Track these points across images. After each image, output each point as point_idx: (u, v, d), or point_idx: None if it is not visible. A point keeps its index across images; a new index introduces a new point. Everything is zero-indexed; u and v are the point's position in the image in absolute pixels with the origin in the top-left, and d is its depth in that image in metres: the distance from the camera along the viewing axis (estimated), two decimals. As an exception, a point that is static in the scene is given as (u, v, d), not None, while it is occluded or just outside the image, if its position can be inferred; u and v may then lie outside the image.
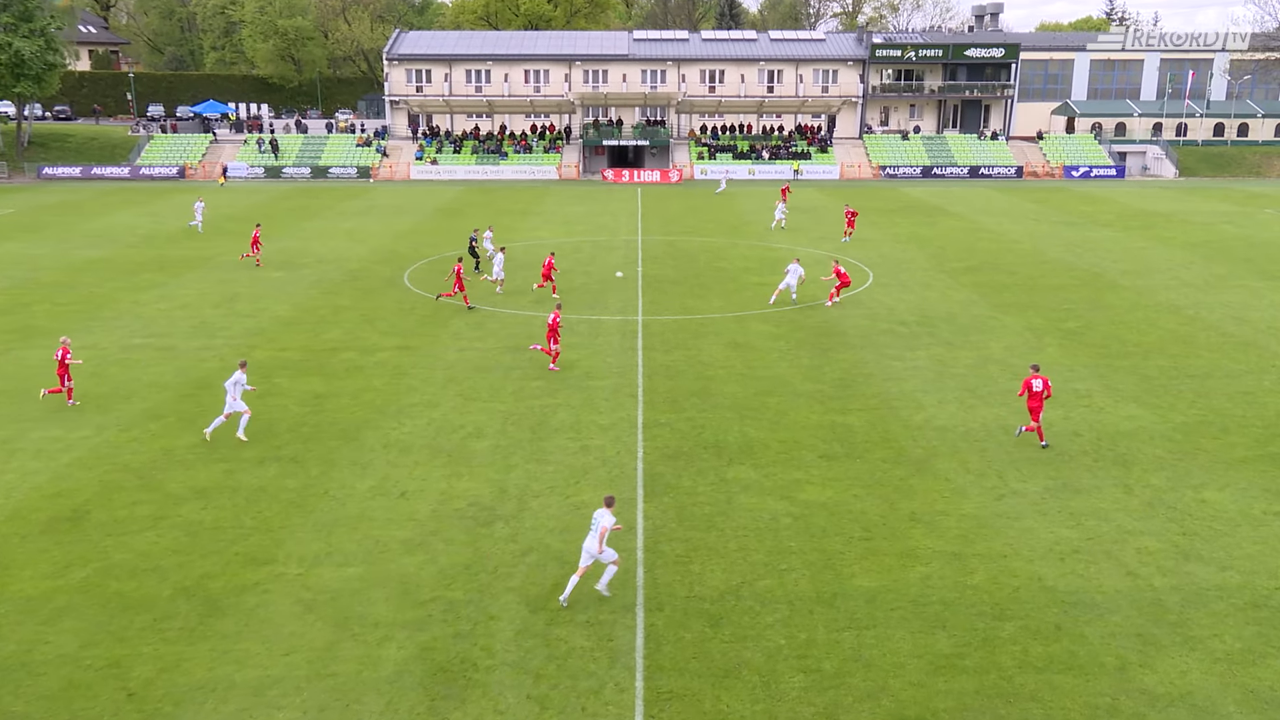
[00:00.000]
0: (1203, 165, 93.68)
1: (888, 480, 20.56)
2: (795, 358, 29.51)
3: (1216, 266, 44.72)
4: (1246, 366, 28.74)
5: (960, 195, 74.86)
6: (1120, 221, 60.16)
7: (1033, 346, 30.83)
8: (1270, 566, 16.88)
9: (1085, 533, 18.18)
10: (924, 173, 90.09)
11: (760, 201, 70.22)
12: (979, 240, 52.16)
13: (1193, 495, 19.83)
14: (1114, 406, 25.23)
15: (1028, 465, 21.30)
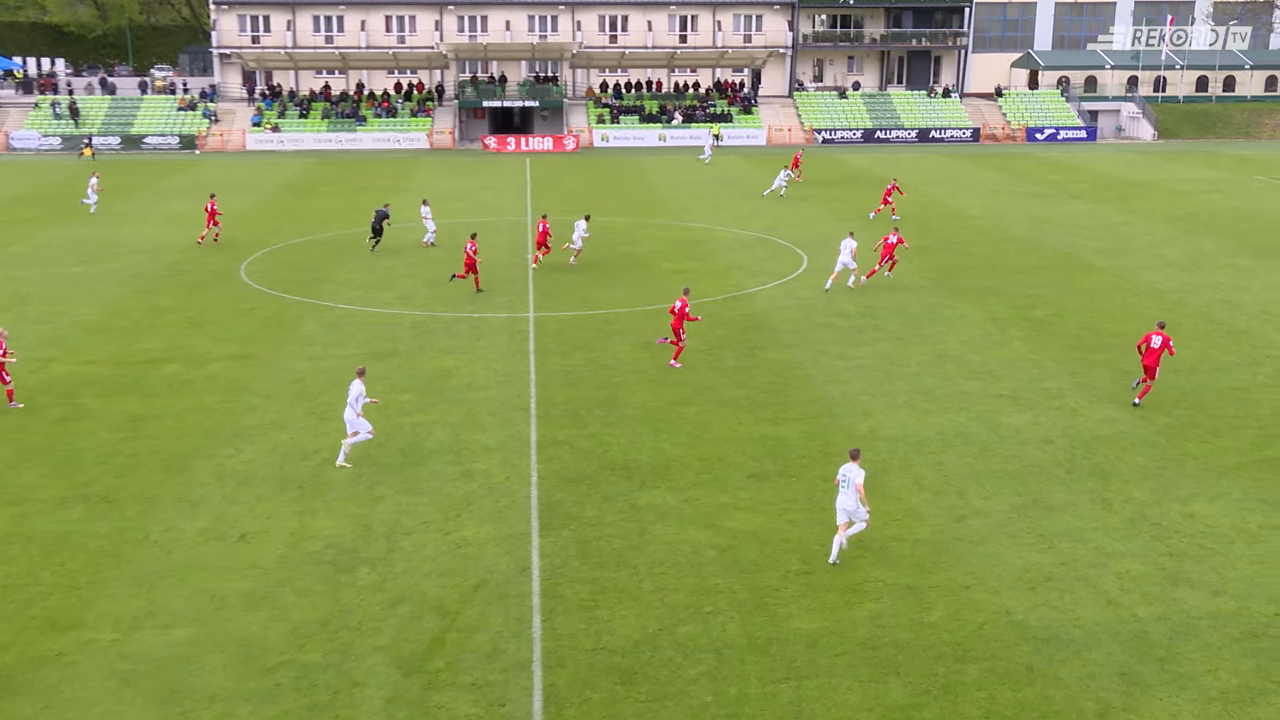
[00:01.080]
0: (1184, 125, 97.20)
1: (829, 502, 20.82)
2: (718, 359, 29.76)
3: (1203, 242, 46.45)
4: (1238, 358, 29.89)
5: (908, 163, 76.43)
6: (1093, 192, 62.11)
7: (995, 340, 31.62)
8: (1268, 589, 17.58)
9: (1059, 557, 18.70)
10: (865, 137, 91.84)
11: (673, 173, 70.73)
12: (931, 216, 53.31)
13: (1180, 509, 20.54)
14: (1089, 408, 26.01)
15: (992, 479, 21.82)
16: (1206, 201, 58.53)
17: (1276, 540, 19.25)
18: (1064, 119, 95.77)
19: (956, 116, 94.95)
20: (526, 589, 17.71)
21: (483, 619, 16.79)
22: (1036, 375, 28.52)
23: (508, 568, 18.38)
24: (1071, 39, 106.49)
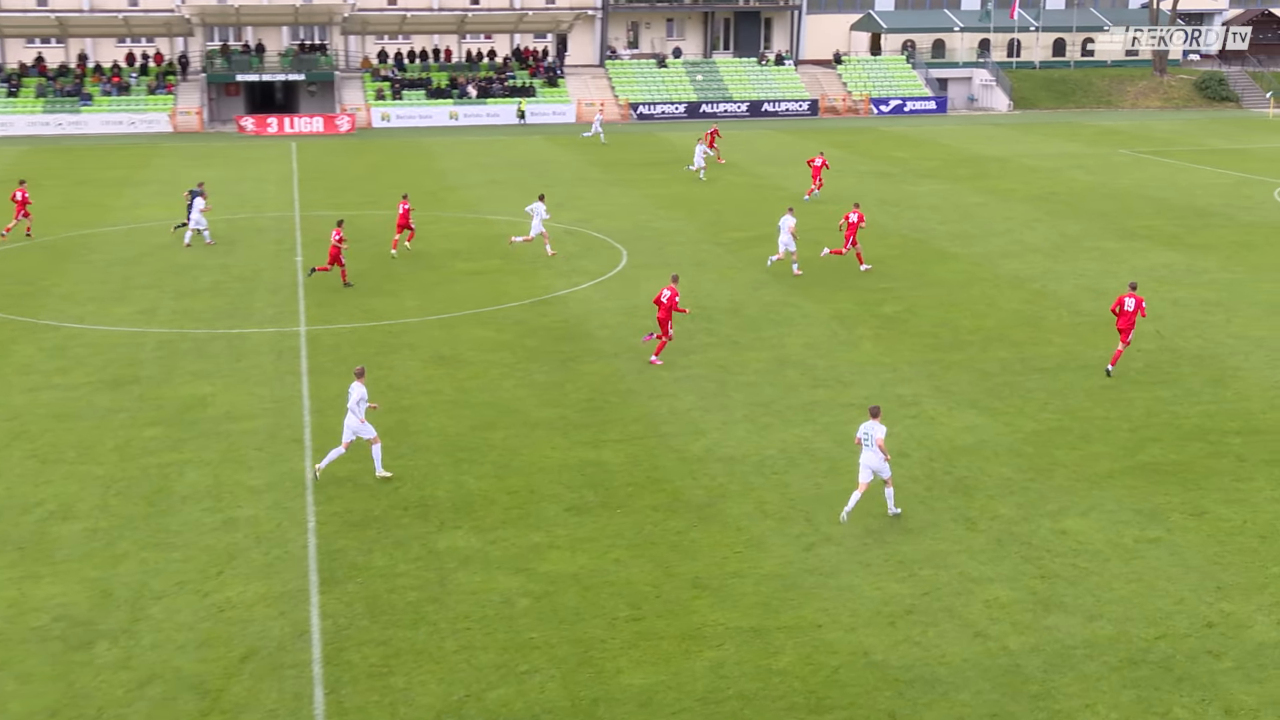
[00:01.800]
0: (1042, 94, 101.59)
1: (660, 536, 21.03)
2: (526, 373, 29.75)
3: (1066, 224, 48.61)
4: (1108, 353, 31.32)
5: (739, 140, 77.86)
6: (946, 170, 64.37)
7: (843, 340, 32.43)
8: (1147, 611, 18.45)
9: (920, 586, 19.26)
10: (690, 111, 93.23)
11: (467, 157, 70.52)
12: (766, 201, 54.39)
13: (1050, 526, 21.39)
14: (948, 415, 26.88)
15: (844, 501, 22.28)
16: (1069, 179, 61.26)
17: (1154, 555, 20.22)
18: (911, 88, 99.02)
19: (792, 87, 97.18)
20: (306, 656, 17.33)
21: (253, 696, 16.37)
22: (889, 380, 29.33)
23: (282, 632, 17.95)
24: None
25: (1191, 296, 36.98)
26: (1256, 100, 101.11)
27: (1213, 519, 21.57)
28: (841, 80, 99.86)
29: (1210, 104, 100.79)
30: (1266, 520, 21.48)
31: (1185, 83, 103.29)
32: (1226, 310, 35.33)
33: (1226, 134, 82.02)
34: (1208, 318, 34.59)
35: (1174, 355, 31.16)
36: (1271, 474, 23.51)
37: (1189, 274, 39.94)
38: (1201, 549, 20.42)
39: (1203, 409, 27.24)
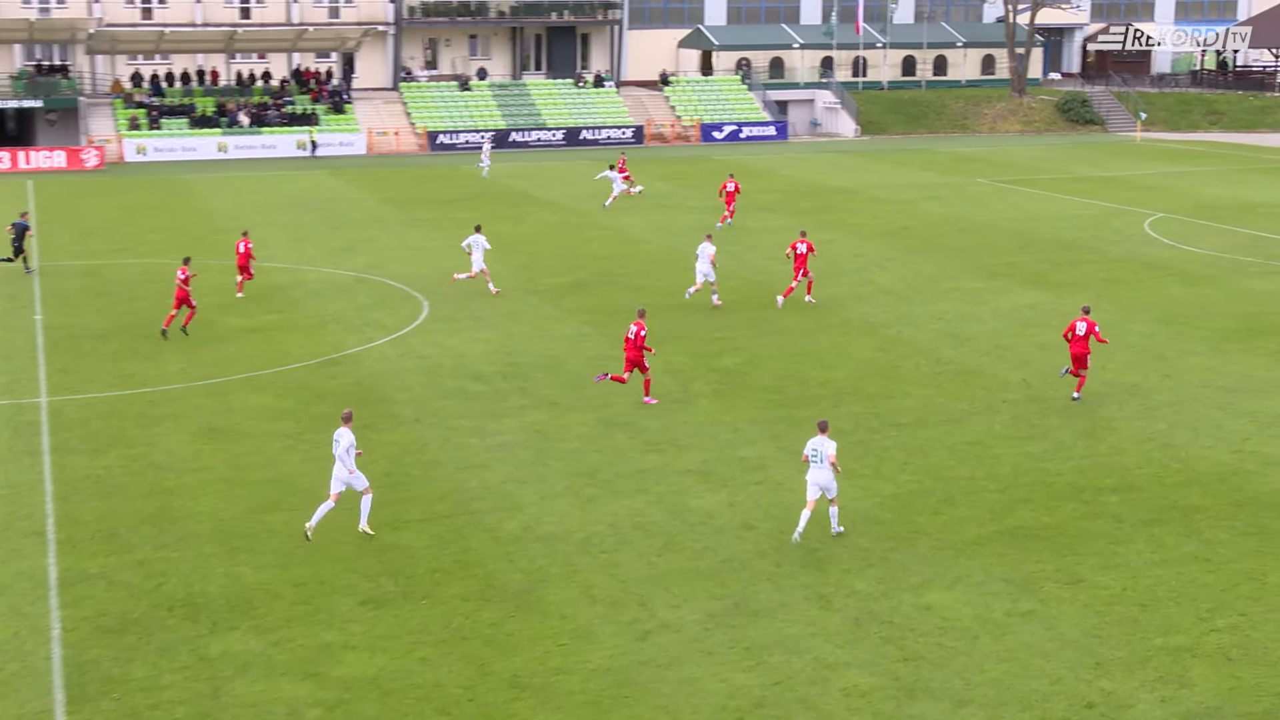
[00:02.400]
0: (891, 117, 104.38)
1: (472, 629, 20.85)
2: (314, 445, 29.36)
3: (922, 262, 49.86)
4: (970, 405, 32.15)
5: (555, 173, 78.30)
6: (788, 203, 65.60)
7: (677, 398, 32.69)
8: (1021, 693, 18.87)
9: (770, 675, 19.40)
10: (498, 140, 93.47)
11: (239, 196, 69.63)
12: (587, 241, 54.74)
13: (913, 601, 21.78)
14: (797, 479, 27.15)
15: (682, 581, 22.42)
16: (923, 211, 62.92)
17: (1027, 630, 20.72)
18: (747, 112, 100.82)
19: (614, 111, 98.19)
20: (51, 790, 16.74)
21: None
22: (730, 441, 29.62)
23: (22, 762, 17.33)
24: (750, 10, 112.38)
25: (1060, 340, 38.02)
26: (1123, 123, 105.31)
27: (1089, 587, 22.22)
28: (669, 103, 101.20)
29: (1074, 127, 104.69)
30: (1146, 587, 22.19)
31: (1046, 104, 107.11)
32: (1097, 355, 36.45)
33: (1092, 160, 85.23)
34: (1078, 363, 35.73)
35: (1043, 406, 32.11)
36: (1150, 535, 24.33)
37: (1056, 315, 41.21)
38: (1078, 621, 21.00)
39: (1075, 465, 28.10)
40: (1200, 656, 19.81)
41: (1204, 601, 21.65)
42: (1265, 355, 36.46)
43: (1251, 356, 36.37)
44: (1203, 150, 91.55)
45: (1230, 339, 38.23)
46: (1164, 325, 39.91)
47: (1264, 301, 43.06)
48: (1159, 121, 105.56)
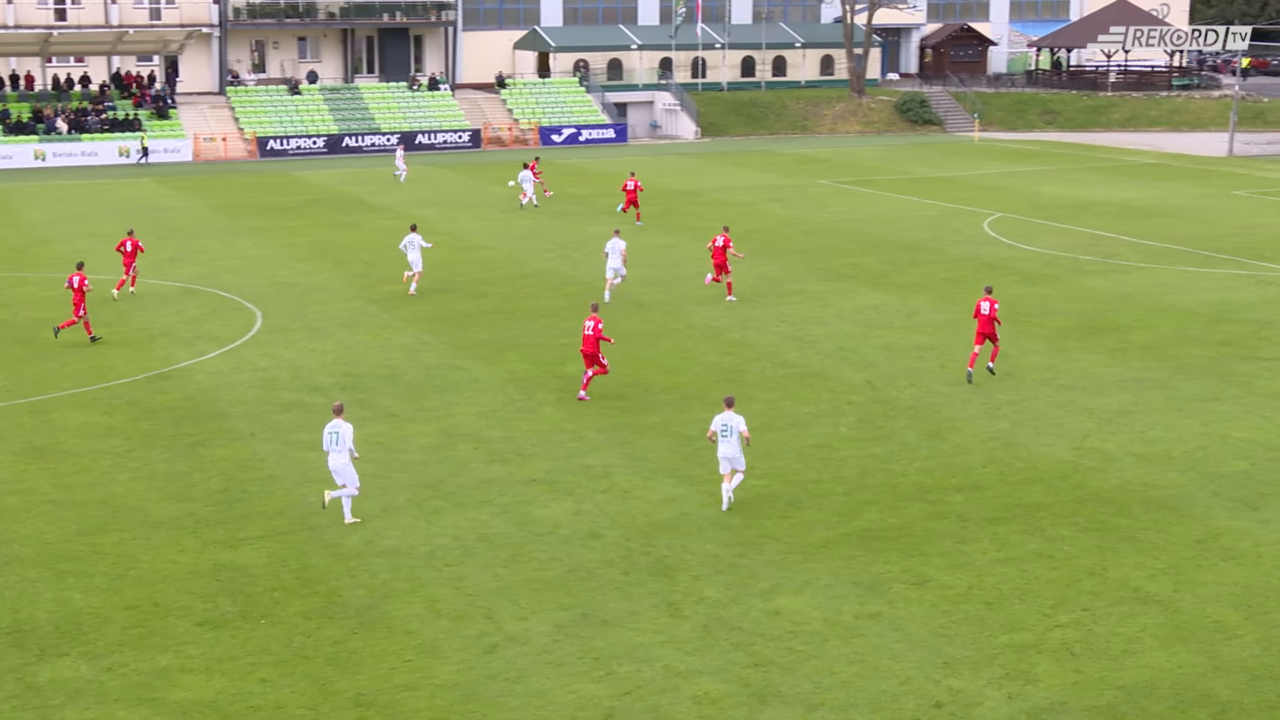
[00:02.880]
0: (731, 119, 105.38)
1: (315, 648, 20.69)
2: (144, 463, 28.92)
3: (766, 265, 50.42)
4: (816, 408, 32.62)
5: (391, 179, 77.77)
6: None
7: (520, 407, 32.73)
8: (871, 695, 19.23)
9: (620, 685, 19.53)
10: (331, 146, 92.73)
11: (59, 205, 68.19)
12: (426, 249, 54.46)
13: (763, 606, 22.06)
14: (644, 487, 27.43)
15: (528, 593, 22.47)
16: (765, 214, 63.64)
17: (875, 632, 21.11)
18: (586, 115, 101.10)
19: (450, 115, 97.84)
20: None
21: None
22: (576, 450, 29.74)
23: None
24: (587, 11, 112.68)
25: (903, 341, 38.91)
26: (961, 123, 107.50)
27: (936, 587, 22.70)
28: (506, 106, 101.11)
29: (913, 127, 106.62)
30: (992, 585, 22.73)
31: (885, 104, 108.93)
32: (940, 355, 37.32)
33: (931, 160, 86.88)
34: (921, 364, 36.45)
35: (888, 407, 32.70)
36: (995, 534, 24.92)
37: (899, 316, 42.03)
38: (926, 621, 21.45)
39: (920, 465, 28.67)
40: (1045, 652, 20.35)
41: (1048, 598, 22.24)
42: (1103, 353, 37.51)
43: (1090, 354, 37.38)
44: (1039, 149, 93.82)
45: (1069, 337, 39.26)
46: (1006, 325, 40.75)
47: (1102, 299, 44.28)
48: (996, 121, 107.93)
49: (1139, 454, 29.27)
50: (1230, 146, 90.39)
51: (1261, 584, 22.75)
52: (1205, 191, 71.50)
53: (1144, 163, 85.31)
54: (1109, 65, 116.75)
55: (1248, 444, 29.88)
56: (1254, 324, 40.70)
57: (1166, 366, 36.13)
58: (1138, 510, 26.06)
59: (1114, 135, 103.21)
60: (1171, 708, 18.75)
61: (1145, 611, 21.75)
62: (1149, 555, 23.96)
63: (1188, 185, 74.18)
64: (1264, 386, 34.23)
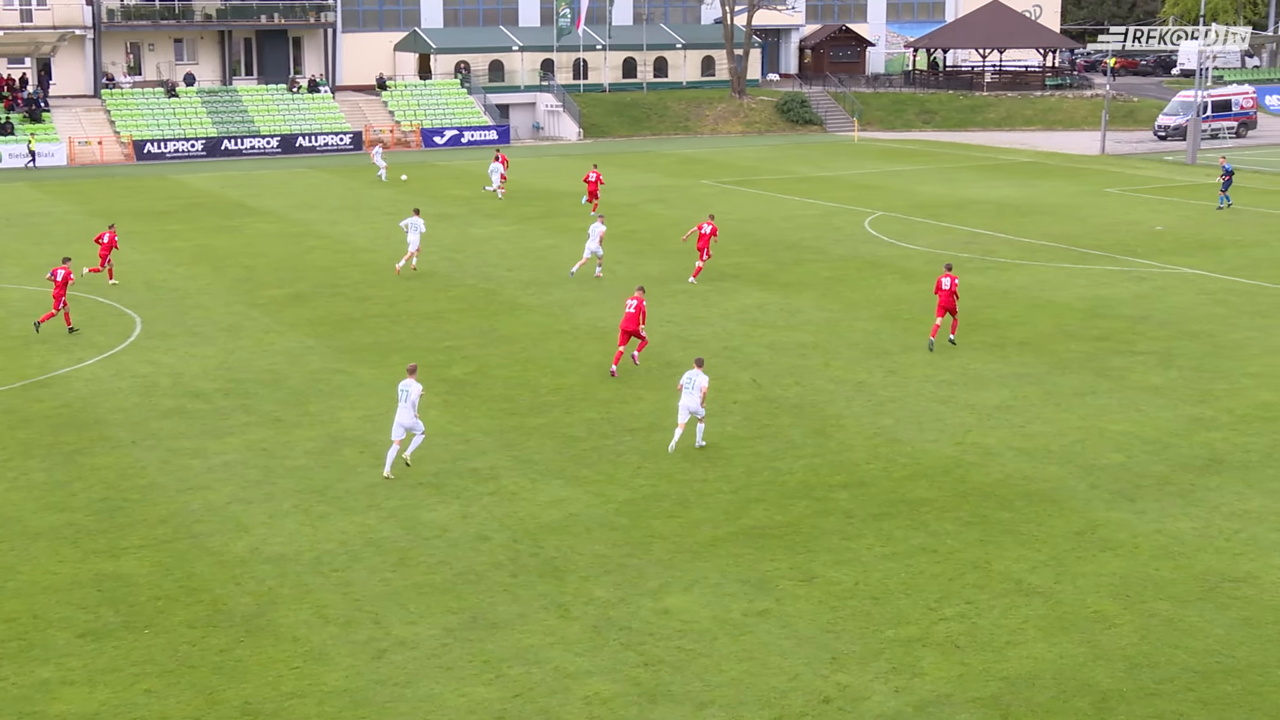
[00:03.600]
0: (614, 120, 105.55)
1: (200, 657, 20.45)
2: (21, 472, 28.42)
3: (649, 264, 50.58)
4: (711, 405, 32.74)
5: (272, 182, 77.05)
6: (512, 208, 65.80)
7: (406, 411, 32.56)
8: (760, 692, 19.37)
9: (510, 687, 19.52)
10: (210, 149, 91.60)
11: (-68, 209, 66.61)
12: (308, 251, 54.05)
13: (651, 605, 22.14)
14: (532, 488, 27.42)
15: (417, 597, 22.37)
16: (648, 214, 63.81)
17: (764, 629, 21.27)
18: (468, 116, 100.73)
19: (330, 117, 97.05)
20: None
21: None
22: (462, 452, 29.64)
23: None
24: (468, 13, 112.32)
25: (787, 340, 39.20)
26: (841, 123, 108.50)
27: (823, 583, 22.91)
28: (388, 108, 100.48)
29: (794, 127, 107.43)
30: (878, 580, 22.99)
31: (766, 105, 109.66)
32: (824, 353, 37.65)
33: (812, 160, 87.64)
34: (805, 362, 36.75)
35: (773, 406, 32.94)
36: (880, 529, 25.20)
37: (783, 315, 42.34)
38: (813, 617, 21.64)
39: (806, 463, 28.92)
40: (930, 646, 20.62)
41: (932, 592, 22.53)
42: (983, 349, 38.05)
43: (971, 350, 37.90)
44: (918, 149, 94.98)
45: (948, 333, 39.76)
46: (887, 322, 41.30)
47: (981, 296, 44.90)
48: (875, 121, 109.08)
49: (1019, 448, 29.75)
50: (1102, 145, 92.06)
51: (1139, 574, 23.23)
52: (1079, 189, 72.81)
53: (1019, 161, 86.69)
54: (984, 66, 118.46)
55: (1124, 437, 30.49)
56: (1128, 319, 41.50)
57: (1044, 362, 36.74)
58: (1019, 503, 26.49)
59: (990, 134, 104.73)
60: (1054, 697, 19.09)
61: (1027, 603, 22.12)
62: (1030, 548, 24.36)
63: (1062, 183, 75.48)
64: (1138, 380, 34.93)
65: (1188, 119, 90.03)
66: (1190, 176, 78.16)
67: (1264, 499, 26.66)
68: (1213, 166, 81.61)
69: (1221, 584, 22.81)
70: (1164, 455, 29.29)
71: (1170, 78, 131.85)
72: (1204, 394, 33.71)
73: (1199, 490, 27.20)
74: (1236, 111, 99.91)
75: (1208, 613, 21.74)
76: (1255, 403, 33.01)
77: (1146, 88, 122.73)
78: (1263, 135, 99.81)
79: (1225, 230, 58.24)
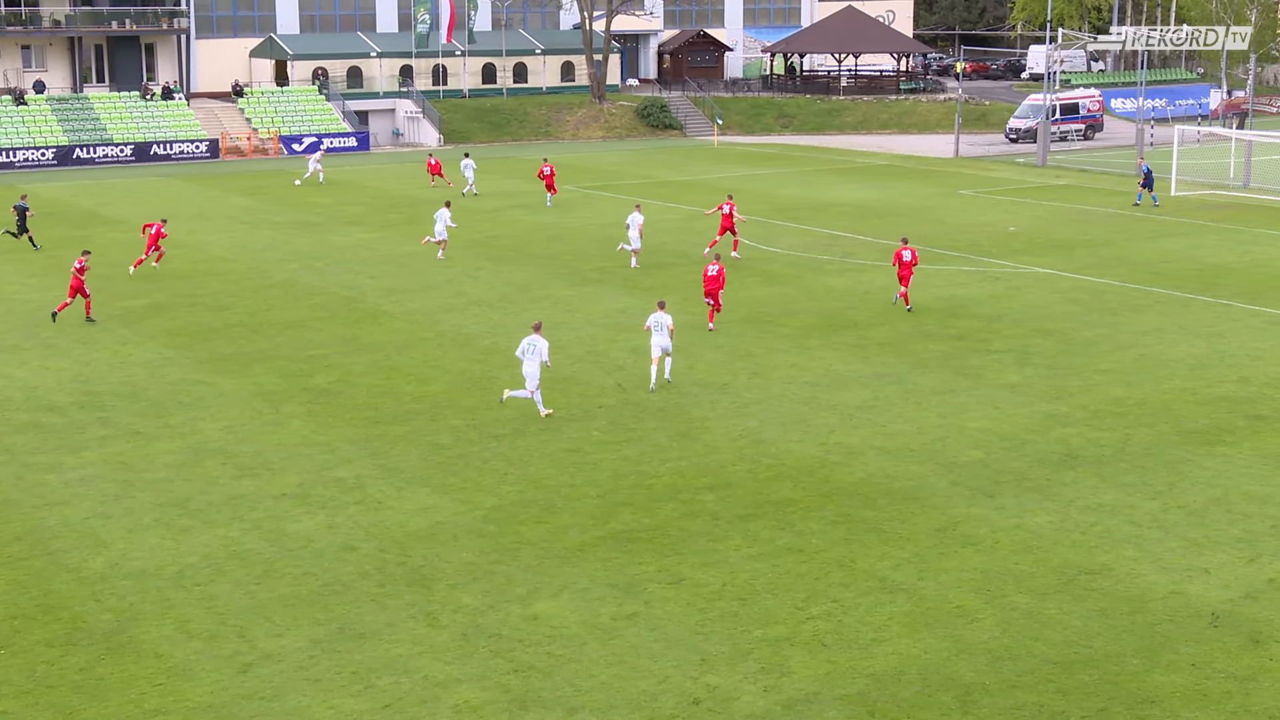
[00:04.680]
0: (474, 126, 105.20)
1: (59, 676, 20.03)
2: None
3: (513, 271, 50.45)
4: (567, 412, 32.75)
5: (125, 191, 75.74)
6: (374, 216, 65.33)
7: (268, 420, 32.16)
8: (631, 695, 19.38)
9: (379, 698, 19.34)
10: (60, 158, 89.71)
11: None
12: (164, 260, 53.15)
13: (521, 612, 22.07)
14: (398, 497, 27.21)
15: (283, 610, 22.08)
16: (511, 220, 63.66)
17: (633, 632, 21.29)
18: (327, 123, 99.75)
19: (185, 125, 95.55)
20: None
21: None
22: (327, 462, 29.34)
23: None
24: (325, 19, 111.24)
25: (649, 343, 39.23)
26: (700, 127, 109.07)
27: (691, 585, 22.99)
28: (245, 116, 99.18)
29: (654, 132, 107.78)
30: (745, 581, 23.12)
31: (626, 110, 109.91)
32: (688, 356, 37.77)
33: (673, 164, 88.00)
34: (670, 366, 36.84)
35: (638, 410, 33.00)
36: (746, 530, 25.35)
37: (647, 319, 42.40)
38: (682, 620, 21.71)
39: (672, 466, 29.01)
40: (798, 645, 20.78)
41: (799, 591, 22.72)
42: (845, 349, 38.46)
43: (832, 351, 38.29)
44: (777, 152, 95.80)
45: (811, 335, 40.16)
46: (750, 325, 41.59)
47: (841, 298, 45.42)
48: (734, 125, 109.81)
49: (881, 447, 30.11)
50: (956, 148, 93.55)
51: (999, 568, 23.61)
52: (934, 191, 73.92)
53: (876, 164, 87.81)
54: (840, 70, 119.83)
55: (982, 434, 30.98)
56: (984, 318, 42.20)
57: (904, 362, 37.22)
58: (882, 502, 26.81)
59: (847, 138, 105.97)
60: (919, 692, 19.33)
61: (892, 600, 22.39)
62: (894, 545, 24.66)
63: (918, 185, 76.59)
64: (995, 378, 35.52)
65: (1037, 122, 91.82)
66: (1041, 178, 79.68)
67: (1117, 492, 27.25)
68: (1062, 168, 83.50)
69: (1078, 576, 23.27)
70: (1021, 451, 29.81)
71: (1020, 82, 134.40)
72: (1058, 391, 34.37)
73: (1055, 485, 27.73)
74: (1084, 114, 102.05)
75: (1065, 605, 22.16)
76: (1107, 398, 33.73)
77: (998, 91, 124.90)
78: (1109, 138, 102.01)
79: (1075, 230, 59.47)
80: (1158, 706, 18.91)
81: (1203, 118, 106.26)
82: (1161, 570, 23.48)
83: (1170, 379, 35.34)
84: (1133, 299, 45.13)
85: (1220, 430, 31.18)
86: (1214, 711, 18.78)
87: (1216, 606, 22.04)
